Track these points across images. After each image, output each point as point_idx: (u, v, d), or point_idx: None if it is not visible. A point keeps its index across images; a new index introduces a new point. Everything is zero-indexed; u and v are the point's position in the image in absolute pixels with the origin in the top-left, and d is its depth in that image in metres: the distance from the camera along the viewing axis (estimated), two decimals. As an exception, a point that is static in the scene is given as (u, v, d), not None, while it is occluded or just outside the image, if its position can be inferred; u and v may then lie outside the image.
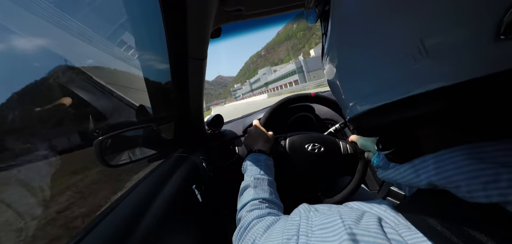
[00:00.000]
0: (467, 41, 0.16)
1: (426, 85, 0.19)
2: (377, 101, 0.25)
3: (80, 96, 1.28)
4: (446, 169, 0.22)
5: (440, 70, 0.18)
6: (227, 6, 0.71)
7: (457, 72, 0.17)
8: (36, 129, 1.34)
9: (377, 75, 0.24)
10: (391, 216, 0.26)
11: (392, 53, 0.21)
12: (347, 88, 0.31)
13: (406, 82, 0.21)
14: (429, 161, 0.23)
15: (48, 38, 1.17)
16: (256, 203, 0.52)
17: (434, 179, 0.23)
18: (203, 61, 0.78)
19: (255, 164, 0.67)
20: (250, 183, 0.59)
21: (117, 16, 1.18)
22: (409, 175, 0.26)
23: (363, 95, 0.27)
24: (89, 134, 1.32)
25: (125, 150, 0.78)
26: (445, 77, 0.18)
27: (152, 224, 0.46)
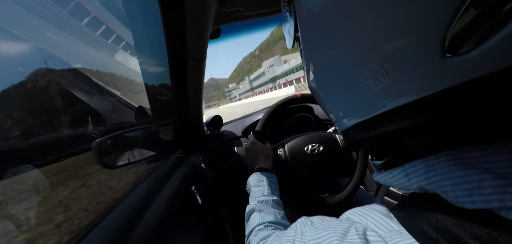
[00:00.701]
0: (421, 58, 0.16)
1: (398, 100, 0.19)
2: (359, 117, 0.26)
3: (78, 97, 1.27)
4: (434, 174, 0.22)
5: (407, 86, 0.18)
6: (226, 7, 0.71)
7: (422, 87, 0.17)
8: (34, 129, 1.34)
9: (350, 96, 0.25)
10: (384, 222, 0.26)
11: (357, 75, 0.22)
12: (328, 105, 0.32)
13: (378, 100, 0.21)
14: (419, 165, 0.24)
15: (47, 38, 1.16)
16: (261, 228, 0.52)
17: (424, 184, 0.23)
18: (202, 62, 0.78)
19: (258, 185, 0.66)
20: (255, 208, 0.59)
21: (116, 17, 1.18)
22: (401, 179, 0.26)
23: (344, 112, 0.28)
24: (87, 135, 1.32)
25: (124, 151, 0.78)
26: (415, 91, 0.18)
27: (151, 225, 0.46)
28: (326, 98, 0.32)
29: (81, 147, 1.42)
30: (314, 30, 0.26)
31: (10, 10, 0.89)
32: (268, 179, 0.68)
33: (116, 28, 4.09)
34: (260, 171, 0.71)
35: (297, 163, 0.85)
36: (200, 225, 0.74)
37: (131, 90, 1.35)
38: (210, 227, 0.86)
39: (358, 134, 0.28)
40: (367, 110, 0.23)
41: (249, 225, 0.56)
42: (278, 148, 0.88)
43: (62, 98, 2.16)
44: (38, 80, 6.34)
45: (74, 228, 1.19)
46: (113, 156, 0.68)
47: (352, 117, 0.27)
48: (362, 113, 0.25)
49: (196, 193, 0.75)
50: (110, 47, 1.54)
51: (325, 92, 0.31)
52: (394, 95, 0.20)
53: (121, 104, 1.32)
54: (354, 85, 0.23)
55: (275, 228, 0.52)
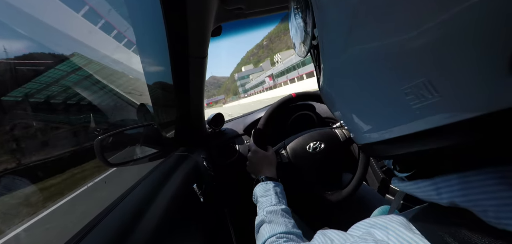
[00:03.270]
0: (482, 75, 0.14)
1: (445, 118, 0.17)
2: (388, 134, 0.23)
3: (81, 95, 1.28)
4: (473, 192, 0.20)
5: (459, 104, 0.16)
6: (228, 5, 0.71)
7: (478, 105, 0.15)
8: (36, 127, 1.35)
9: (384, 112, 0.22)
10: (407, 238, 0.24)
11: (395, 89, 0.19)
12: (353, 118, 0.29)
13: (418, 117, 0.19)
14: (453, 180, 0.22)
15: (48, 37, 1.17)
16: (273, 240, 0.51)
17: (458, 200, 0.21)
18: (203, 59, 0.78)
19: (265, 195, 0.65)
20: (265, 219, 0.58)
21: (118, 16, 1.19)
22: (429, 192, 0.25)
23: (373, 127, 0.26)
24: (90, 133, 1.33)
25: (126, 148, 0.78)
26: (467, 109, 0.16)
27: (153, 223, 0.46)
28: (346, 109, 0.29)
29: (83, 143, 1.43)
30: (340, 34, 0.23)
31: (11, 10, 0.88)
32: (274, 188, 0.67)
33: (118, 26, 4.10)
34: (265, 180, 0.70)
35: (300, 163, 0.85)
36: (202, 223, 0.74)
37: (133, 88, 1.36)
38: (211, 225, 0.86)
39: (385, 150, 0.25)
40: (402, 127, 0.21)
41: (260, 237, 0.55)
42: (280, 149, 0.88)
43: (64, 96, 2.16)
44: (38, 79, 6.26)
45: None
46: (115, 153, 0.68)
47: (380, 132, 0.24)
48: (394, 130, 0.22)
49: (198, 191, 0.75)
50: (111, 45, 1.54)
51: (346, 104, 0.28)
52: (441, 113, 0.17)
53: (123, 101, 1.32)
54: (389, 100, 0.21)
55: (287, 239, 0.51)
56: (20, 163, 9.53)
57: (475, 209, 0.20)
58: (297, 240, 0.51)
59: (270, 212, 0.58)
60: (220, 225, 1.09)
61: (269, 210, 0.59)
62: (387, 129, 0.23)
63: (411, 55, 0.17)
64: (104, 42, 5.49)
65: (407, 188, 0.28)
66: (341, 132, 0.87)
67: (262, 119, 0.90)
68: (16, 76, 13.43)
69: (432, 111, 0.18)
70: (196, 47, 0.71)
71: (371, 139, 0.27)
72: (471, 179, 0.21)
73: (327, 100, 0.33)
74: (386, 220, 0.28)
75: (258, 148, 0.81)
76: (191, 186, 0.74)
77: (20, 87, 13.73)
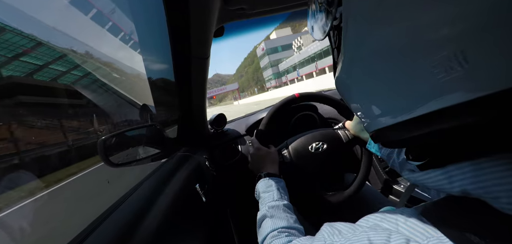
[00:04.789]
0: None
1: (469, 93, 0.16)
2: (405, 115, 0.22)
3: (84, 96, 1.29)
4: (485, 179, 0.20)
5: (482, 78, 0.15)
6: (230, 5, 0.71)
7: (503, 79, 0.14)
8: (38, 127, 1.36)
9: (404, 90, 0.22)
10: (420, 229, 0.24)
11: (422, 65, 0.18)
12: (368, 103, 0.28)
13: (439, 94, 0.18)
14: (466, 168, 0.22)
15: (49, 37, 1.18)
16: (275, 234, 0.51)
17: (470, 188, 0.21)
18: (206, 60, 0.78)
19: (267, 191, 0.65)
20: (266, 214, 0.58)
21: (120, 16, 1.19)
22: (440, 181, 0.25)
23: (388, 110, 0.25)
24: (92, 133, 1.33)
25: (129, 149, 0.78)
26: (493, 83, 0.15)
27: (156, 222, 0.46)
28: (363, 91, 0.28)
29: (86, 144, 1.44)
30: (370, 11, 0.22)
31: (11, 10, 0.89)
32: (276, 184, 0.67)
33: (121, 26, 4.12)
34: (267, 177, 0.70)
35: (302, 163, 0.85)
36: (204, 223, 0.74)
37: (135, 89, 1.37)
38: (214, 224, 0.86)
39: (399, 135, 0.24)
40: (422, 106, 0.20)
41: (261, 232, 0.55)
42: (282, 149, 0.88)
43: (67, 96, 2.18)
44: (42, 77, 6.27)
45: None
46: (118, 154, 0.69)
47: (400, 114, 0.23)
48: (413, 110, 0.21)
49: (200, 191, 0.75)
50: (114, 45, 1.52)
51: (364, 86, 0.27)
52: (468, 87, 0.16)
53: (126, 102, 1.33)
54: (415, 75, 0.20)
55: (289, 234, 0.51)
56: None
57: (487, 196, 0.20)
58: (298, 235, 0.51)
59: (272, 207, 0.58)
60: (222, 225, 1.09)
61: (271, 205, 0.59)
62: (407, 109, 0.22)
63: (445, 26, 0.16)
64: (107, 43, 5.46)
65: (419, 179, 0.28)
66: (343, 133, 0.86)
67: (264, 119, 0.90)
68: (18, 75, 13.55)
69: (458, 86, 0.17)
70: (198, 47, 0.71)
71: (387, 122, 0.25)
72: (483, 166, 0.21)
73: (342, 84, 0.32)
74: (396, 214, 0.28)
75: (261, 146, 0.82)
76: (194, 186, 0.74)
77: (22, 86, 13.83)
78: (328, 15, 0.30)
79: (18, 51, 13.12)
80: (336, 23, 0.29)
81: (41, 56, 14.33)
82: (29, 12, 10.35)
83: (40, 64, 14.26)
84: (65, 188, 6.66)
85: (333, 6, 0.28)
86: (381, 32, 0.21)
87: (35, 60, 13.95)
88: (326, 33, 0.31)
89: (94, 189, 5.55)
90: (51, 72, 14.89)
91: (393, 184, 1.16)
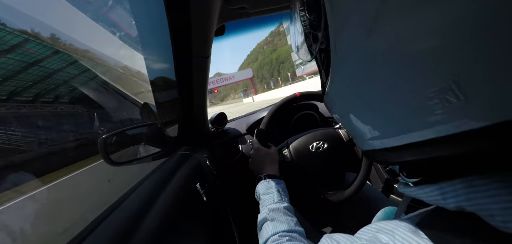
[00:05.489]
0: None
1: (460, 126, 0.16)
2: (396, 142, 0.22)
3: (85, 94, 1.29)
4: (478, 197, 0.20)
5: (479, 110, 0.15)
6: (231, 4, 0.71)
7: (505, 110, 0.14)
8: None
9: (395, 118, 0.21)
10: (415, 242, 0.24)
11: (415, 94, 0.18)
12: (358, 126, 0.27)
13: (435, 123, 0.18)
14: (457, 185, 0.22)
15: (50, 36, 1.18)
16: (276, 238, 0.51)
17: (464, 205, 0.21)
18: (207, 59, 0.78)
19: (267, 193, 0.65)
20: (267, 217, 0.57)
21: (121, 15, 1.19)
22: (434, 197, 0.24)
23: (378, 135, 0.25)
24: (93, 132, 1.34)
25: (130, 148, 0.78)
26: (493, 115, 0.15)
27: (156, 221, 0.46)
28: (353, 114, 0.27)
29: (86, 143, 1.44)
30: (359, 36, 0.21)
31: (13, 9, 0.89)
32: (276, 185, 0.66)
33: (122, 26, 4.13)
34: (267, 178, 0.70)
35: (303, 162, 0.85)
36: (205, 222, 0.74)
37: (136, 88, 1.37)
38: (215, 223, 0.86)
39: (393, 157, 0.24)
40: (415, 134, 0.20)
41: (262, 235, 0.55)
42: (283, 149, 0.88)
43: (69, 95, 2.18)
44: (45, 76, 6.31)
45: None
46: (119, 152, 0.69)
47: (392, 139, 0.23)
48: (406, 137, 0.21)
49: (201, 190, 0.75)
50: (115, 44, 1.52)
51: (354, 109, 0.27)
52: (464, 119, 0.16)
53: (126, 101, 1.33)
54: (407, 104, 0.19)
55: (290, 238, 0.51)
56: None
57: (482, 213, 0.20)
58: (299, 239, 0.51)
59: (273, 210, 0.58)
60: (223, 224, 1.10)
61: (272, 208, 0.59)
62: (399, 135, 0.22)
63: (440, 57, 0.15)
64: (108, 42, 5.46)
65: (414, 193, 0.28)
66: (344, 132, 0.86)
67: (265, 118, 0.90)
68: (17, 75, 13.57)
69: (453, 117, 0.16)
70: (199, 46, 0.71)
71: (379, 145, 0.25)
72: (476, 183, 0.21)
73: (332, 105, 0.32)
74: (392, 225, 0.28)
75: (261, 146, 0.81)
76: (194, 185, 0.74)
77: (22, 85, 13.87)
78: (314, 38, 0.29)
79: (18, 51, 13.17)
80: (323, 47, 0.28)
81: (41, 56, 14.37)
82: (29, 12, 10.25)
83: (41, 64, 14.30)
84: (65, 188, 6.68)
85: (319, 30, 0.28)
86: (371, 58, 0.21)
87: (36, 60, 13.99)
88: (313, 56, 0.31)
89: (94, 188, 5.56)
90: (52, 72, 14.93)
91: (394, 183, 1.16)
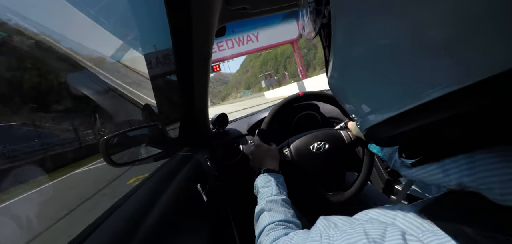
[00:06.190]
0: (502, 29, 0.13)
1: (455, 83, 0.16)
2: (395, 109, 0.22)
3: (86, 95, 1.29)
4: (479, 171, 0.21)
5: (473, 64, 0.15)
6: (232, 5, 0.71)
7: (493, 65, 0.14)
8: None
9: (391, 85, 0.22)
10: (417, 223, 0.24)
11: (410, 57, 0.19)
12: (358, 101, 0.28)
13: (428, 85, 0.18)
14: (460, 161, 0.23)
15: (51, 36, 1.19)
16: (272, 227, 0.51)
17: (466, 180, 0.22)
18: (208, 59, 0.78)
19: (266, 186, 0.65)
20: (264, 207, 0.58)
21: (122, 16, 1.19)
22: (437, 175, 0.25)
23: (379, 105, 0.25)
24: (95, 133, 1.34)
25: (131, 149, 0.78)
26: (480, 70, 0.15)
27: (157, 222, 0.46)
28: (354, 88, 0.28)
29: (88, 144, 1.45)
30: (358, 9, 0.22)
31: (19, 10, 0.89)
32: (275, 179, 0.67)
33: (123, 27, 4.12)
34: (266, 172, 0.70)
35: (303, 162, 0.85)
36: (206, 223, 0.74)
37: (137, 88, 1.37)
38: (215, 224, 0.86)
39: (391, 130, 0.24)
40: (411, 98, 0.20)
41: (259, 225, 0.56)
42: (284, 148, 0.88)
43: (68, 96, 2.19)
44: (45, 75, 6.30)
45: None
46: (120, 153, 0.69)
47: (389, 109, 0.23)
48: (402, 103, 0.21)
49: (202, 191, 0.75)
50: (116, 44, 1.52)
51: (355, 83, 0.27)
52: (453, 77, 0.16)
53: (128, 102, 1.33)
54: (402, 70, 0.20)
55: (286, 227, 0.51)
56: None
57: (481, 188, 0.21)
58: (295, 229, 0.51)
59: (270, 201, 0.59)
60: (223, 224, 1.09)
61: (269, 199, 0.59)
62: (396, 104, 0.22)
63: (429, 19, 0.16)
64: (110, 43, 5.48)
65: (415, 174, 0.28)
66: (346, 133, 0.86)
67: (266, 118, 0.90)
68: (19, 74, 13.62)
69: (444, 76, 0.17)
70: (200, 47, 0.71)
71: (377, 119, 0.26)
72: (477, 158, 0.22)
73: (334, 82, 0.32)
74: (394, 209, 0.28)
75: (262, 143, 0.82)
76: (195, 186, 0.74)
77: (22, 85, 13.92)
78: (317, 14, 0.30)
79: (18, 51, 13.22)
80: (325, 22, 0.29)
81: (42, 55, 14.42)
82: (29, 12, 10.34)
83: (42, 63, 14.37)
84: (66, 186, 6.70)
85: (321, 5, 0.28)
86: (367, 28, 0.21)
87: (37, 60, 14.05)
88: (316, 32, 0.32)
89: (95, 188, 5.57)
90: (52, 71, 14.99)
91: (395, 184, 1.15)
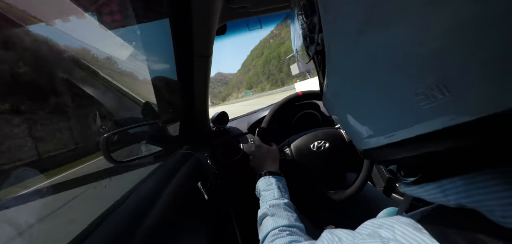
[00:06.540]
0: (498, 70, 0.13)
1: (454, 119, 0.17)
2: (389, 139, 0.23)
3: (86, 93, 1.29)
4: (477, 193, 0.21)
5: (464, 105, 0.15)
6: (232, 4, 0.71)
7: (488, 105, 0.14)
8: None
9: (386, 115, 0.22)
10: (415, 237, 0.24)
11: (405, 90, 0.19)
12: (354, 125, 0.28)
13: (424, 119, 0.18)
14: (457, 182, 0.22)
15: (50, 36, 1.18)
16: (276, 232, 0.51)
17: (464, 201, 0.22)
18: (208, 58, 0.78)
19: (268, 189, 0.65)
20: (267, 212, 0.58)
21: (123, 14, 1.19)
22: (435, 195, 0.25)
23: (375, 132, 0.25)
24: (95, 131, 1.34)
25: (131, 147, 0.79)
26: (477, 110, 0.15)
27: (158, 220, 0.46)
28: (350, 113, 0.28)
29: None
30: (350, 38, 0.22)
31: (20, 7, 0.89)
32: (277, 182, 0.67)
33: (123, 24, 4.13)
34: (268, 175, 0.70)
35: (304, 161, 0.85)
36: (207, 221, 0.75)
37: (137, 86, 1.37)
38: (216, 222, 0.87)
39: (389, 155, 0.25)
40: (407, 130, 0.20)
41: (262, 230, 0.55)
42: (284, 147, 0.88)
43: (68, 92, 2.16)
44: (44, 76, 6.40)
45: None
46: (120, 151, 0.69)
47: (386, 136, 0.24)
48: (399, 133, 0.22)
49: (202, 189, 0.75)
50: (117, 43, 1.52)
51: (350, 108, 0.28)
52: (450, 114, 0.17)
53: (128, 100, 1.33)
54: (397, 101, 0.20)
55: (290, 232, 0.51)
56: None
57: (482, 209, 0.20)
58: (299, 234, 0.51)
59: (273, 206, 0.59)
60: (224, 223, 1.10)
61: (272, 204, 0.59)
62: (392, 132, 0.23)
63: (425, 56, 0.16)
64: (109, 42, 5.55)
65: (414, 192, 0.28)
66: None
67: (266, 117, 0.90)
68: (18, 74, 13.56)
69: (440, 112, 0.17)
70: (201, 46, 0.71)
71: (374, 143, 0.26)
72: (475, 180, 0.21)
73: (330, 105, 0.33)
74: (393, 220, 0.28)
75: (262, 143, 0.82)
76: (196, 184, 0.74)
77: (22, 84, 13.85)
78: (311, 40, 0.31)
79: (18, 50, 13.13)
80: (319, 49, 0.29)
81: (41, 55, 14.34)
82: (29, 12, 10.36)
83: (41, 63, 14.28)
84: (66, 186, 6.69)
85: (314, 33, 0.29)
86: (362, 59, 0.22)
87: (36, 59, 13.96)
88: (311, 58, 0.33)
89: (95, 186, 5.56)
90: (52, 71, 14.90)
91: (396, 183, 1.15)
